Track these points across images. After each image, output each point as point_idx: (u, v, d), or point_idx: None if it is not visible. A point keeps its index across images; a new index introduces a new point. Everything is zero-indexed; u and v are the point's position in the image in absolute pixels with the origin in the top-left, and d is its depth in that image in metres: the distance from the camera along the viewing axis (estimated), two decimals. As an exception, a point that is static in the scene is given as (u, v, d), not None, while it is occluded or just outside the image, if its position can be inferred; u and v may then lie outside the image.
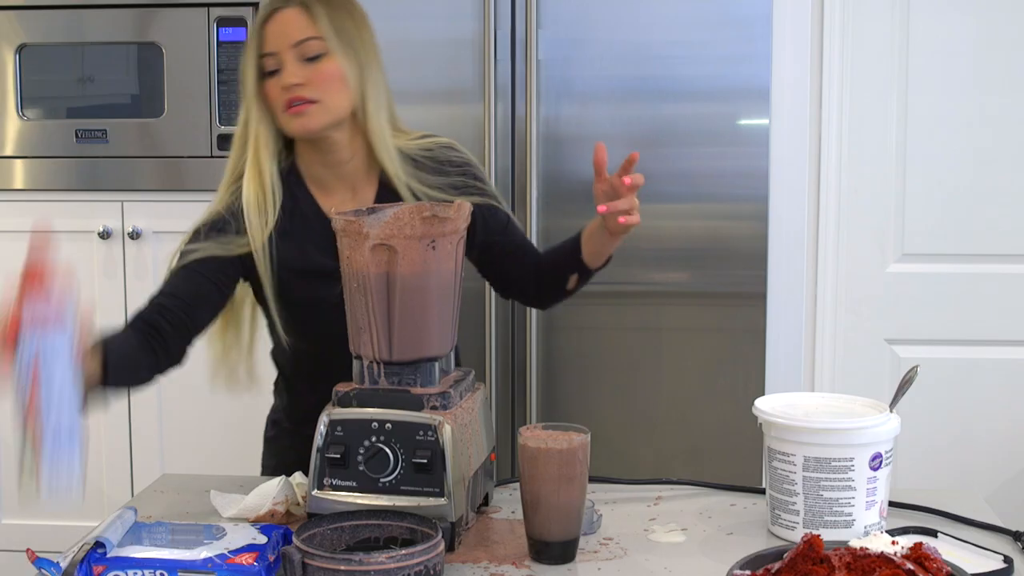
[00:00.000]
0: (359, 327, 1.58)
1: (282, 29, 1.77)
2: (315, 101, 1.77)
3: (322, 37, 1.77)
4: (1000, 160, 2.80)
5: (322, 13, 1.77)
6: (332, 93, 1.78)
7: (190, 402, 2.97)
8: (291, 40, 1.77)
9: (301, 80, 1.76)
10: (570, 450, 1.49)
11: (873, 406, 1.62)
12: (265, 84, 1.79)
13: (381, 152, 1.83)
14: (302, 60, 1.76)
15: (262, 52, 1.78)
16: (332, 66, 1.77)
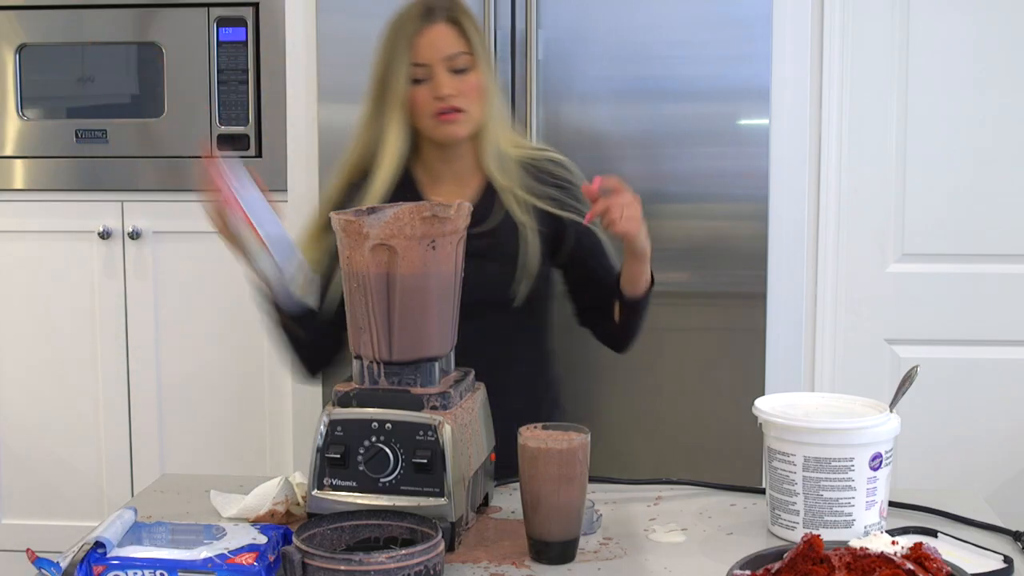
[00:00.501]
0: (359, 327, 1.58)
1: (434, 43, 1.94)
2: (463, 110, 1.94)
3: (470, 52, 1.95)
4: (1000, 160, 2.79)
5: (471, 29, 1.95)
6: (476, 103, 1.95)
7: (190, 402, 2.97)
8: (443, 54, 1.93)
9: (453, 91, 1.93)
10: (570, 450, 1.49)
11: (873, 406, 1.62)
12: (411, 91, 1.95)
13: (488, 154, 1.99)
14: (451, 72, 1.93)
15: (413, 62, 1.94)
16: (477, 78, 1.95)
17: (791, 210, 2.70)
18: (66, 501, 3.02)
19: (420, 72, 1.94)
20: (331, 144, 2.72)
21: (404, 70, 1.93)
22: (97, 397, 2.98)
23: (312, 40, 2.71)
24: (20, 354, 2.99)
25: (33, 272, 2.97)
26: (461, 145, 1.99)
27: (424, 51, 1.93)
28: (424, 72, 1.93)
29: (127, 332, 2.96)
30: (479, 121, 1.96)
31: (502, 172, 1.99)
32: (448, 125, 1.94)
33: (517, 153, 2.02)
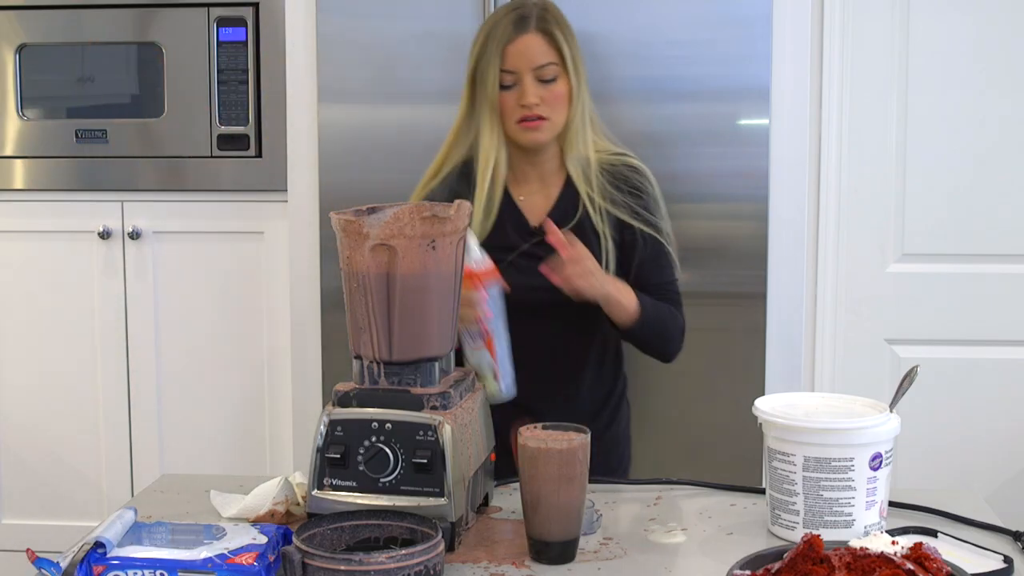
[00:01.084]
0: (359, 327, 1.58)
1: (525, 52, 2.00)
2: (546, 118, 2.01)
3: (558, 63, 2.01)
4: (1000, 160, 2.79)
5: (561, 40, 2.01)
6: (559, 111, 2.02)
7: (190, 402, 2.97)
8: (532, 64, 2.00)
9: (538, 100, 1.99)
10: (570, 450, 1.49)
11: (873, 406, 1.62)
12: (500, 95, 2.02)
13: (571, 158, 2.05)
14: (538, 81, 2.00)
15: (502, 68, 2.00)
16: (563, 87, 2.02)
17: (791, 210, 2.70)
18: (66, 501, 3.02)
19: (509, 78, 2.00)
20: (331, 144, 2.72)
21: (495, 75, 2.00)
22: (97, 397, 2.98)
23: (312, 40, 2.71)
24: (20, 354, 2.99)
25: (33, 272, 2.97)
26: (546, 147, 2.05)
27: (514, 59, 1.99)
28: (512, 79, 2.00)
29: (127, 332, 2.96)
30: (561, 127, 2.03)
31: (584, 177, 2.05)
32: (531, 132, 2.01)
33: (598, 156, 2.07)
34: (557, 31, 2.01)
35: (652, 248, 2.07)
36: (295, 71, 2.74)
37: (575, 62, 2.02)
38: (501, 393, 1.85)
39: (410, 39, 2.68)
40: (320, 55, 2.70)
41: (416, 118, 2.70)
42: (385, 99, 2.71)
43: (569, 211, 2.05)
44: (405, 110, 2.71)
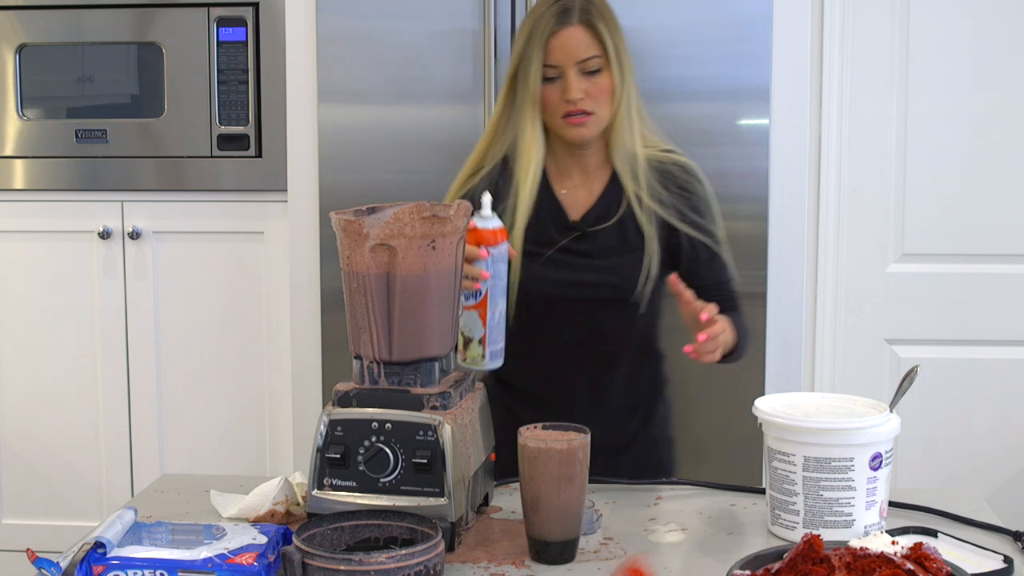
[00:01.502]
0: (359, 327, 1.58)
1: (567, 45, 1.93)
2: (591, 113, 1.94)
3: (602, 55, 1.94)
4: (1000, 160, 2.80)
5: (604, 32, 1.94)
6: (604, 105, 1.95)
7: (190, 402, 2.97)
8: (576, 57, 1.93)
9: (582, 94, 1.93)
10: (570, 450, 1.49)
11: (873, 406, 1.62)
12: (543, 89, 1.95)
13: (618, 154, 1.99)
14: (582, 74, 1.93)
15: (545, 63, 1.94)
16: (607, 80, 1.95)
17: (791, 210, 2.70)
18: (66, 501, 3.02)
19: (552, 72, 1.94)
20: (331, 144, 2.72)
21: (537, 69, 1.94)
22: (97, 397, 2.98)
23: (312, 40, 2.71)
24: (20, 354, 2.99)
25: (33, 272, 2.97)
26: (590, 142, 2.00)
27: (557, 53, 1.93)
28: (556, 72, 1.94)
29: (127, 332, 2.96)
30: (607, 122, 1.97)
31: (631, 174, 1.99)
32: (576, 127, 1.95)
33: (646, 153, 2.01)
34: (600, 23, 1.95)
35: (702, 252, 2.01)
36: (295, 71, 2.74)
37: (619, 54, 1.96)
38: (483, 361, 1.77)
39: (410, 39, 2.68)
40: (320, 55, 2.70)
41: (416, 118, 2.70)
42: (385, 99, 2.71)
43: (612, 207, 2.00)
44: (405, 110, 2.71)
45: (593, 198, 2.02)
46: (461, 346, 1.76)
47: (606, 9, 1.98)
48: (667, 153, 2.05)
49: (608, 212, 1.99)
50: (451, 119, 2.69)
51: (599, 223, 1.98)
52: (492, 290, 1.76)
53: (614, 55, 1.95)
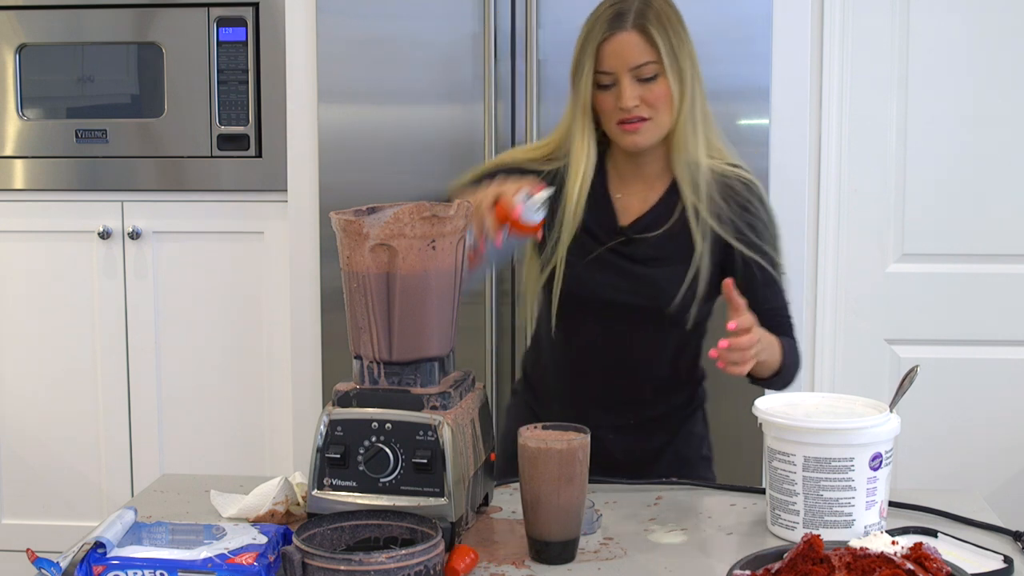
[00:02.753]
0: (359, 327, 1.58)
1: (620, 51, 1.86)
2: (647, 119, 1.88)
3: (657, 61, 1.86)
4: (1000, 160, 2.80)
5: (659, 37, 1.87)
6: (662, 112, 1.88)
7: (190, 402, 2.97)
8: (629, 63, 1.86)
9: (637, 101, 1.86)
10: (570, 450, 1.49)
11: (873, 406, 1.62)
12: (597, 96, 1.90)
13: (679, 162, 1.92)
14: (637, 81, 1.87)
15: (598, 70, 1.88)
16: (663, 87, 1.87)
17: (791, 210, 2.70)
18: (66, 501, 3.02)
19: (606, 79, 1.88)
20: (331, 144, 2.72)
21: (589, 75, 1.88)
22: (97, 397, 2.98)
23: (312, 40, 2.71)
24: (20, 354, 3.00)
25: (33, 272, 2.97)
26: (649, 149, 1.93)
27: (610, 59, 1.87)
28: (610, 79, 1.88)
29: (127, 332, 2.96)
30: (665, 129, 1.90)
31: (691, 184, 1.91)
32: (631, 135, 1.89)
33: (711, 163, 1.94)
34: (655, 28, 1.86)
35: (758, 274, 1.92)
36: (295, 71, 2.74)
37: (678, 60, 1.88)
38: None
39: (410, 39, 2.68)
40: (320, 55, 2.70)
41: (416, 118, 2.70)
42: (385, 99, 2.71)
43: (663, 216, 1.93)
44: (405, 110, 2.71)
45: (647, 206, 1.96)
46: None
47: (665, 13, 1.90)
48: (733, 168, 1.97)
49: (658, 220, 1.94)
50: (451, 119, 2.69)
51: (647, 231, 1.93)
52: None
53: (670, 61, 1.87)
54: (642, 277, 1.93)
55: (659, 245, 1.93)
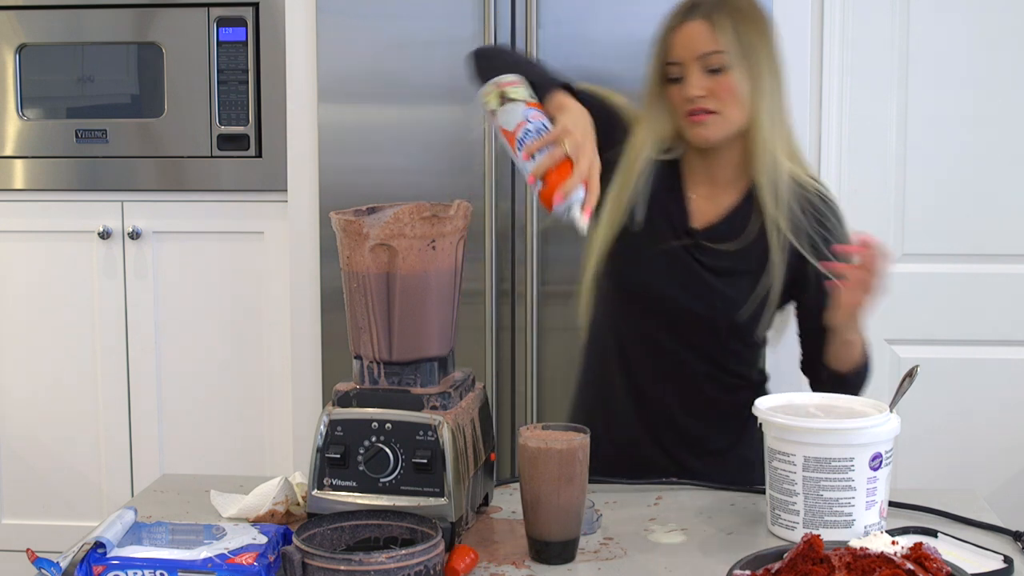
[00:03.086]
0: (359, 327, 1.58)
1: (688, 41, 1.83)
2: (715, 112, 1.83)
3: (725, 51, 1.81)
4: (1000, 160, 2.80)
5: (727, 27, 1.82)
6: (731, 106, 1.83)
7: (190, 402, 2.97)
8: (696, 52, 1.82)
9: (703, 92, 1.82)
10: (570, 450, 1.49)
11: (873, 406, 1.62)
12: (668, 89, 1.86)
13: (761, 165, 1.86)
14: (705, 72, 1.82)
15: (667, 60, 1.85)
16: (733, 79, 1.82)
17: (791, 210, 2.70)
18: (66, 501, 3.02)
19: (675, 70, 1.84)
20: (331, 144, 2.72)
21: (658, 66, 1.86)
22: (97, 397, 2.98)
23: (312, 40, 2.71)
24: (20, 354, 3.00)
25: (33, 272, 2.97)
26: (724, 149, 1.88)
27: (678, 49, 1.84)
28: (679, 71, 1.84)
29: (127, 332, 2.96)
30: (734, 125, 1.84)
31: (773, 193, 1.85)
32: (697, 127, 1.84)
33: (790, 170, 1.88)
34: (726, 18, 1.81)
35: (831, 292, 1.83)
36: (295, 71, 2.74)
37: (751, 54, 1.82)
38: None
39: (410, 39, 2.68)
40: (320, 55, 2.70)
41: (416, 118, 2.70)
42: (385, 99, 2.71)
43: (737, 227, 1.88)
44: (405, 110, 2.71)
45: (720, 212, 1.91)
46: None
47: (743, 7, 1.84)
48: (812, 180, 1.92)
49: (733, 230, 1.88)
50: (451, 119, 2.69)
51: (720, 241, 1.88)
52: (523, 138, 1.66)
53: (741, 53, 1.81)
54: (711, 287, 1.89)
55: (732, 257, 1.88)
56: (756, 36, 1.84)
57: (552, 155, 1.62)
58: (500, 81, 1.71)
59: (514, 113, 1.68)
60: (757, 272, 1.88)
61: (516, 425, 2.69)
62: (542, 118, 1.68)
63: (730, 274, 1.89)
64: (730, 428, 1.96)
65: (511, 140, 1.67)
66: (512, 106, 1.69)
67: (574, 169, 1.61)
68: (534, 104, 1.70)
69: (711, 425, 1.97)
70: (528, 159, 1.64)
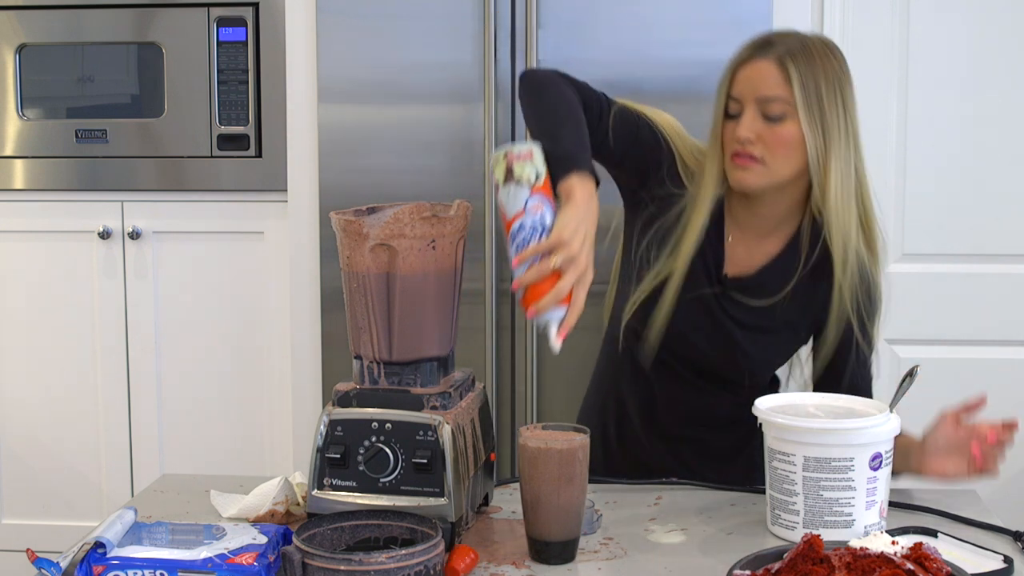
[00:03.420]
0: (359, 327, 1.58)
1: (751, 80, 1.74)
2: (760, 160, 1.73)
3: (789, 100, 1.71)
4: (1000, 160, 2.80)
5: (796, 74, 1.71)
6: (781, 157, 1.73)
7: (190, 402, 2.97)
8: (756, 94, 1.73)
9: (753, 137, 1.72)
10: (570, 450, 1.49)
11: (873, 406, 1.62)
12: (725, 124, 1.77)
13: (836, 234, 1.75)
14: (762, 116, 1.72)
15: (729, 94, 1.76)
16: (791, 130, 1.72)
17: (791, 210, 2.70)
18: (66, 501, 3.02)
19: (734, 107, 1.75)
20: (331, 144, 2.72)
21: (721, 98, 1.78)
22: (97, 397, 2.98)
23: (312, 40, 2.71)
24: (20, 354, 2.99)
25: (33, 272, 2.97)
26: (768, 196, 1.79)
27: (740, 85, 1.75)
28: (737, 107, 1.75)
29: (127, 332, 2.96)
30: (779, 177, 1.74)
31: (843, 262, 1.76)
32: (739, 170, 1.74)
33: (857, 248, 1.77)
34: (799, 64, 1.71)
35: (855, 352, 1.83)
36: (295, 71, 2.74)
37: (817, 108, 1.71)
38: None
39: (410, 39, 2.68)
40: (320, 55, 2.70)
41: (416, 118, 2.70)
42: (385, 99, 2.71)
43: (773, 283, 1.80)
44: (405, 110, 2.71)
45: (756, 262, 1.83)
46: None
47: (821, 58, 1.74)
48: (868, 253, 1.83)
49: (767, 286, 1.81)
50: (451, 119, 2.69)
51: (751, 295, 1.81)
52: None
53: (807, 106, 1.70)
54: (734, 341, 1.83)
55: (761, 314, 1.82)
56: (829, 89, 1.73)
57: (539, 269, 1.52)
58: (510, 152, 1.57)
59: (515, 198, 1.56)
60: (783, 332, 1.85)
61: (516, 425, 2.69)
62: (542, 208, 1.56)
63: (756, 330, 1.84)
64: (738, 434, 1.94)
65: (507, 228, 1.57)
66: (515, 188, 1.56)
67: (554, 287, 1.51)
68: (539, 189, 1.57)
69: (720, 432, 1.96)
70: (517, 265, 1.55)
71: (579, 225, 1.54)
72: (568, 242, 1.51)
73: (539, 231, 1.55)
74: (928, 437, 1.72)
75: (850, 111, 1.76)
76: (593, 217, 1.58)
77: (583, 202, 1.57)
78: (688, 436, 1.95)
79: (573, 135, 1.67)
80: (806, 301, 1.83)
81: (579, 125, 1.70)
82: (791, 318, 1.84)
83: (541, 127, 1.69)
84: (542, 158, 1.59)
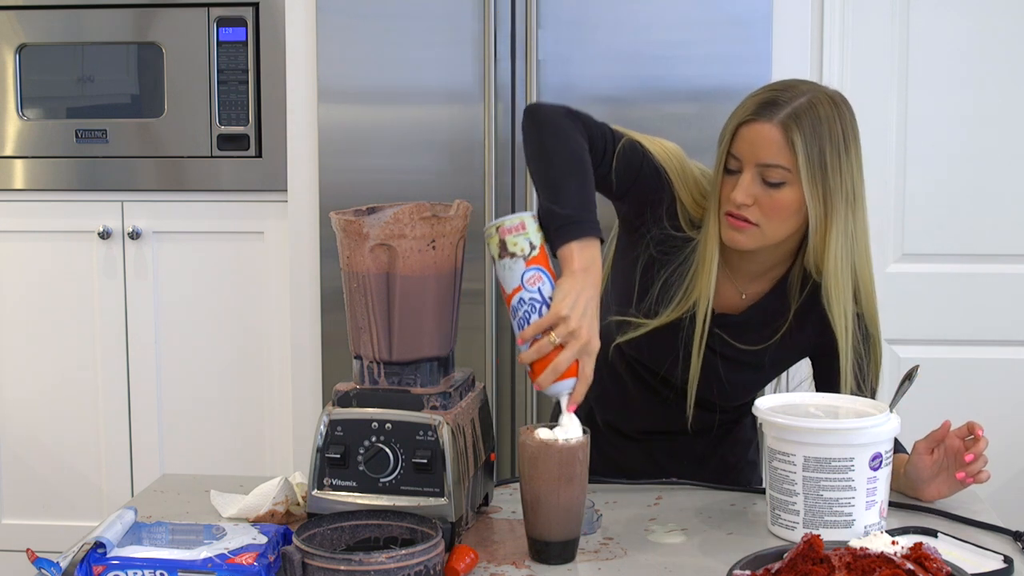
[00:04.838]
0: (359, 327, 1.58)
1: (753, 143, 1.68)
2: (755, 224, 1.70)
3: (790, 169, 1.66)
4: (1000, 160, 2.80)
5: (801, 141, 1.65)
6: (777, 221, 1.69)
7: (190, 402, 2.97)
8: (757, 159, 1.67)
9: (750, 201, 1.68)
10: (570, 450, 1.49)
11: (873, 406, 1.62)
12: (724, 178, 1.73)
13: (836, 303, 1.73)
14: (761, 180, 1.68)
15: (731, 151, 1.71)
16: (790, 197, 1.67)
17: (791, 210, 2.70)
18: (66, 501, 3.02)
19: (734, 164, 1.70)
20: (331, 144, 2.72)
21: (721, 154, 1.72)
22: (97, 397, 2.98)
23: (312, 40, 2.71)
24: (20, 354, 2.99)
25: (33, 272, 2.97)
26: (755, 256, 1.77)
27: (741, 144, 1.69)
28: (737, 165, 1.70)
29: (127, 332, 2.96)
30: (772, 240, 1.72)
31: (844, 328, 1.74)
32: (732, 230, 1.71)
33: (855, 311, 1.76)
34: (804, 134, 1.64)
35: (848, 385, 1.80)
36: (295, 71, 2.74)
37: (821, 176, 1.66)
38: None
39: (410, 39, 2.68)
40: (320, 55, 2.70)
41: (416, 118, 2.70)
42: (385, 99, 2.71)
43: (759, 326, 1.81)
44: (405, 110, 2.71)
45: (742, 302, 1.82)
46: None
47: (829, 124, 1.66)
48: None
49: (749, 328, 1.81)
50: (451, 119, 2.69)
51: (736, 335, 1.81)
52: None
53: (809, 173, 1.65)
54: (716, 373, 1.82)
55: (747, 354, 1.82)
56: (833, 154, 1.67)
57: (539, 348, 1.52)
58: (502, 226, 1.56)
59: (512, 272, 1.56)
60: (768, 369, 1.86)
61: (516, 425, 2.69)
62: (540, 280, 1.55)
63: (739, 364, 1.84)
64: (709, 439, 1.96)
65: (507, 302, 1.57)
66: (510, 263, 1.56)
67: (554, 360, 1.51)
68: (534, 260, 1.56)
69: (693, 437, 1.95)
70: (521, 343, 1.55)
71: (578, 297, 1.52)
72: (567, 317, 1.51)
73: (538, 304, 1.55)
74: (911, 472, 1.72)
75: (855, 175, 1.71)
76: (594, 284, 1.55)
77: (581, 271, 1.55)
78: (659, 439, 1.96)
79: (578, 193, 1.63)
80: (792, 344, 1.84)
81: (584, 179, 1.66)
82: (778, 357, 1.86)
83: (544, 179, 1.67)
84: (535, 226, 1.58)
